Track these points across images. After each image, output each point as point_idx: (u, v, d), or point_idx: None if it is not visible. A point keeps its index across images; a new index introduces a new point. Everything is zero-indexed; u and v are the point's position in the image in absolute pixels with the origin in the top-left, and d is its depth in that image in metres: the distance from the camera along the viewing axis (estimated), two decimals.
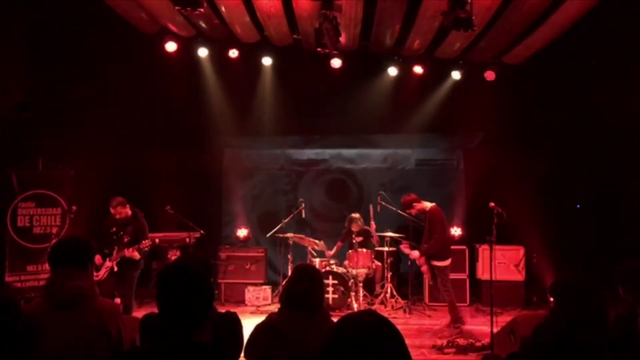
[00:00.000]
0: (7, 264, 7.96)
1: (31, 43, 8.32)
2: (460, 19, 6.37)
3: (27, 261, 8.06)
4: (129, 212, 6.99)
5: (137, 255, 6.83)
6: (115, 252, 6.83)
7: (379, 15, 7.96)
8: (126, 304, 6.75)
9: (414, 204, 7.62)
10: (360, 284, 8.40)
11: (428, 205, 7.59)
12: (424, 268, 7.65)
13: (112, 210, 6.92)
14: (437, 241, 7.39)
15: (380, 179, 10.42)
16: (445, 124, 9.99)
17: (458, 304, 8.86)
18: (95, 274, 6.79)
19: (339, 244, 9.19)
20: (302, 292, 3.14)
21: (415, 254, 7.74)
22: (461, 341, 6.49)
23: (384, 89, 9.88)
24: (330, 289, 8.16)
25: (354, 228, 8.70)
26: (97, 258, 6.74)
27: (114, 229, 6.94)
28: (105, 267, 6.82)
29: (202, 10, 6.57)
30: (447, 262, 7.52)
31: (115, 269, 6.83)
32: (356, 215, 8.87)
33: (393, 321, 1.71)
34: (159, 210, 8.35)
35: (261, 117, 10.09)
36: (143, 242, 6.82)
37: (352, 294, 8.25)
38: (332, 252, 9.05)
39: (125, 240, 6.88)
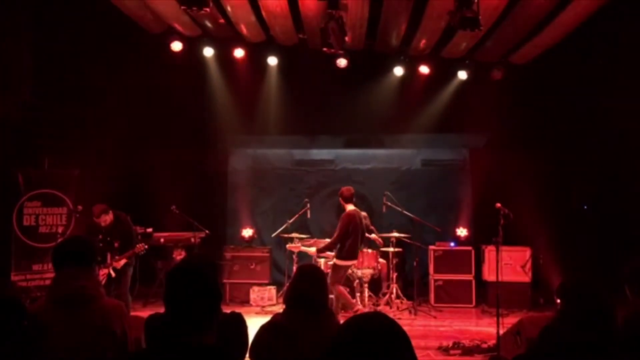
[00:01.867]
0: (13, 262, 7.98)
1: (37, 43, 8.34)
2: (466, 18, 6.34)
3: (32, 260, 8.07)
4: (112, 217, 6.94)
5: (124, 262, 6.86)
6: (109, 258, 6.81)
7: (385, 15, 7.94)
8: (124, 301, 6.71)
9: (341, 200, 7.62)
10: (366, 285, 8.38)
11: (348, 209, 7.53)
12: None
13: (96, 220, 6.86)
14: (331, 242, 7.53)
15: (386, 179, 10.37)
16: (451, 124, 9.95)
17: (464, 305, 8.87)
18: None
19: None
20: (305, 292, 3.14)
21: (311, 250, 8.09)
22: (467, 342, 6.47)
23: (390, 89, 9.85)
24: None
25: None
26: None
27: (100, 236, 6.86)
28: (101, 274, 6.78)
29: (207, 9, 6.57)
30: (344, 262, 7.43)
31: (113, 275, 6.82)
32: (362, 213, 8.83)
33: (398, 322, 1.70)
34: (164, 210, 8.36)
35: (267, 116, 10.08)
36: (138, 246, 6.86)
37: (358, 294, 8.23)
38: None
39: (116, 245, 6.86)
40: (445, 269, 8.99)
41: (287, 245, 8.53)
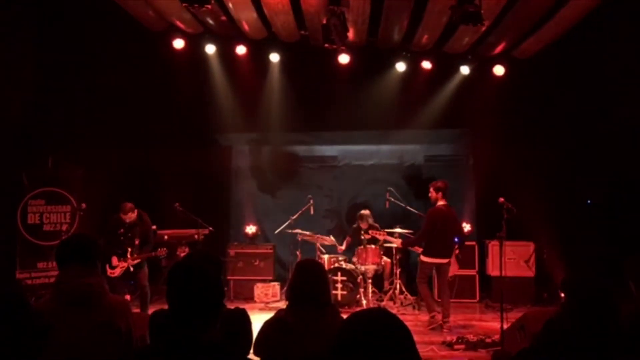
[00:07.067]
0: (17, 261, 8.02)
1: (40, 41, 8.35)
2: (469, 13, 6.33)
3: (37, 258, 8.11)
4: (136, 215, 7.26)
5: (138, 261, 7.21)
6: (128, 253, 7.13)
7: (386, 11, 7.92)
8: (146, 293, 7.26)
9: (434, 190, 7.50)
10: (369, 281, 8.39)
11: (437, 203, 7.45)
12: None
13: (123, 216, 7.16)
14: (417, 237, 7.65)
15: (389, 175, 10.36)
16: (454, 119, 9.93)
17: (467, 300, 8.87)
18: (110, 271, 7.13)
19: (348, 239, 9.18)
20: (306, 287, 3.14)
21: (397, 241, 8.01)
22: (471, 337, 6.47)
23: (392, 85, 9.83)
24: (339, 285, 8.14)
25: (363, 225, 8.70)
26: (114, 259, 7.11)
27: (122, 230, 7.18)
28: (120, 267, 7.14)
29: (209, 7, 6.57)
30: (430, 259, 7.38)
31: (132, 269, 7.16)
32: (366, 212, 8.86)
33: (402, 317, 1.71)
34: (168, 208, 8.38)
35: (269, 113, 10.08)
36: (160, 250, 7.28)
37: (361, 290, 8.24)
38: (343, 247, 9.04)
39: (136, 242, 7.20)
40: None
41: (364, 234, 8.43)
